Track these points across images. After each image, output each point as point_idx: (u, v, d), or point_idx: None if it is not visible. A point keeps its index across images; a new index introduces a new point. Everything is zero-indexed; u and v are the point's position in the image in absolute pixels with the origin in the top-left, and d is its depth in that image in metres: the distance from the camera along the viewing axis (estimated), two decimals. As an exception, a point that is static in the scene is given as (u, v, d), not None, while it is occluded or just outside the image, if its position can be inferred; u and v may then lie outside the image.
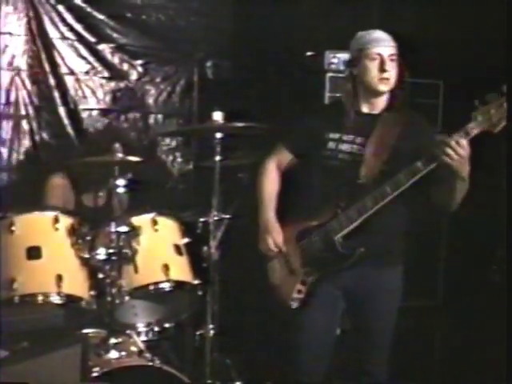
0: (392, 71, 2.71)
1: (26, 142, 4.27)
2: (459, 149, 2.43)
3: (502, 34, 3.55)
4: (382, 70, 2.68)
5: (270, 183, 2.93)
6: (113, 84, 4.47)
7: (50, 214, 2.65)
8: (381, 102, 2.77)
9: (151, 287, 2.70)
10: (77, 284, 2.58)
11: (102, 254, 2.59)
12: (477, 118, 2.45)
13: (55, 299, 2.49)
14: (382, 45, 2.70)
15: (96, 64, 4.43)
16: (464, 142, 2.44)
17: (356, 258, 2.65)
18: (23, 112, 4.26)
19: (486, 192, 3.60)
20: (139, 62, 4.54)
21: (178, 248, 2.81)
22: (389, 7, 4.26)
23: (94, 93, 4.42)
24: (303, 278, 2.76)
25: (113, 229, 2.61)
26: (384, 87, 2.72)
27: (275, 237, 2.81)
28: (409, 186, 2.57)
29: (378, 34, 2.74)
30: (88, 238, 2.66)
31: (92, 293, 2.60)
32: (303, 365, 2.85)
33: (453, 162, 2.45)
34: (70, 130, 4.37)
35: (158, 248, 2.79)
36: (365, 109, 2.78)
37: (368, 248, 2.64)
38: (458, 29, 4.23)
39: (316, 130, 2.81)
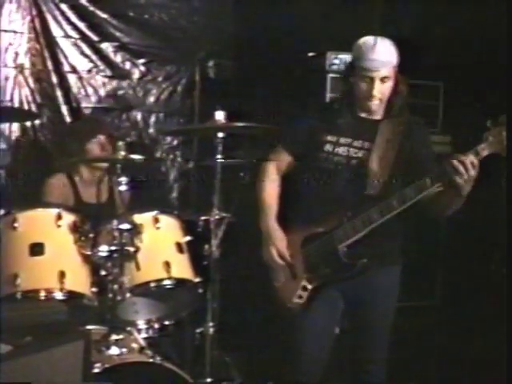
0: (383, 92, 2.66)
1: (29, 140, 4.29)
2: (471, 169, 2.40)
3: (502, 35, 3.57)
4: (370, 94, 2.64)
5: (270, 187, 2.89)
6: (115, 82, 4.49)
7: (53, 211, 2.64)
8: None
9: (152, 284, 2.70)
10: (79, 280, 2.58)
11: (104, 251, 2.59)
12: (488, 139, 2.41)
13: (58, 295, 2.50)
14: (375, 69, 2.60)
15: (99, 62, 4.46)
16: (477, 162, 2.41)
17: (359, 268, 2.65)
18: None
19: (485, 192, 3.61)
20: (141, 60, 4.56)
21: (179, 246, 2.81)
22: (390, 8, 4.27)
23: (96, 91, 4.43)
24: (305, 283, 2.74)
25: (115, 226, 2.61)
26: (373, 105, 2.68)
27: (279, 246, 2.77)
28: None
29: (377, 52, 2.60)
30: (90, 235, 2.66)
31: (94, 289, 2.61)
32: (302, 364, 2.85)
33: (461, 181, 2.42)
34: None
35: (160, 246, 2.79)
36: (361, 113, 2.76)
37: (367, 248, 2.65)
38: (458, 30, 4.25)
39: (314, 131, 2.79)
